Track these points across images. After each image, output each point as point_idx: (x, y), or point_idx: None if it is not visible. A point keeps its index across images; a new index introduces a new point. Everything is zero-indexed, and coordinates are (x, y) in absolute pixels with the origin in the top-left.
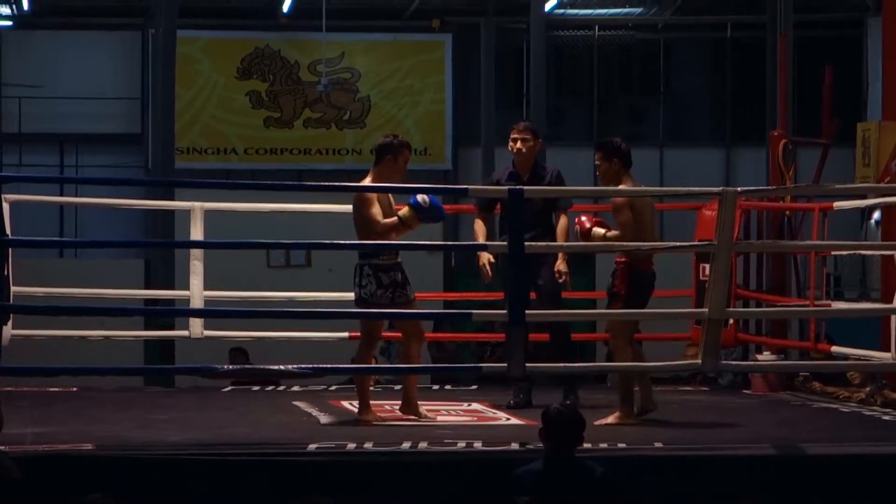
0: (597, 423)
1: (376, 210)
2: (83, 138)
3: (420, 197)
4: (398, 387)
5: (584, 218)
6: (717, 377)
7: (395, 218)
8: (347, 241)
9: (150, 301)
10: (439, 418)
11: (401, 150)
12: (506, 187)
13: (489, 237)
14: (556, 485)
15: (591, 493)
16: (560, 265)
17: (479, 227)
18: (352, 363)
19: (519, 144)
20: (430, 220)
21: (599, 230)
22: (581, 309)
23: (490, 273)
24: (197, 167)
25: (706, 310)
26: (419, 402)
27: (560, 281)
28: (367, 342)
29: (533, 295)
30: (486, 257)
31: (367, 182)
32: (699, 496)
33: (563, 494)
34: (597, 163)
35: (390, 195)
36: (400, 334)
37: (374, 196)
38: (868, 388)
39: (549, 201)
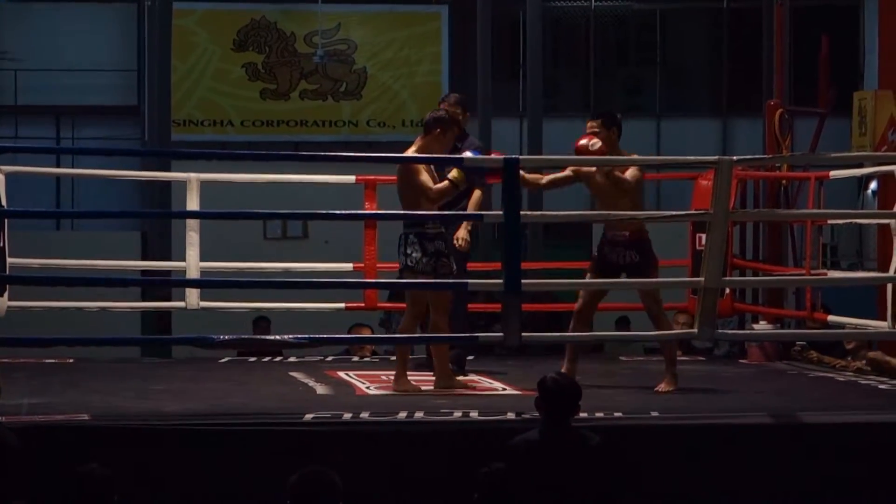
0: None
1: (426, 178)
2: (79, 110)
3: (468, 157)
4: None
5: (589, 141)
6: (714, 347)
7: (447, 182)
8: (344, 212)
9: (146, 272)
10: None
11: (450, 126)
12: (501, 157)
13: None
14: (552, 454)
15: (587, 462)
16: (461, 232)
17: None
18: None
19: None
20: (478, 182)
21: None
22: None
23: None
24: (193, 139)
25: (702, 279)
26: (412, 374)
27: (457, 245)
28: (414, 315)
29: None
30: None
31: (411, 151)
32: (695, 465)
33: (560, 463)
34: (595, 130)
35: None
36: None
37: (423, 165)
38: (861, 355)
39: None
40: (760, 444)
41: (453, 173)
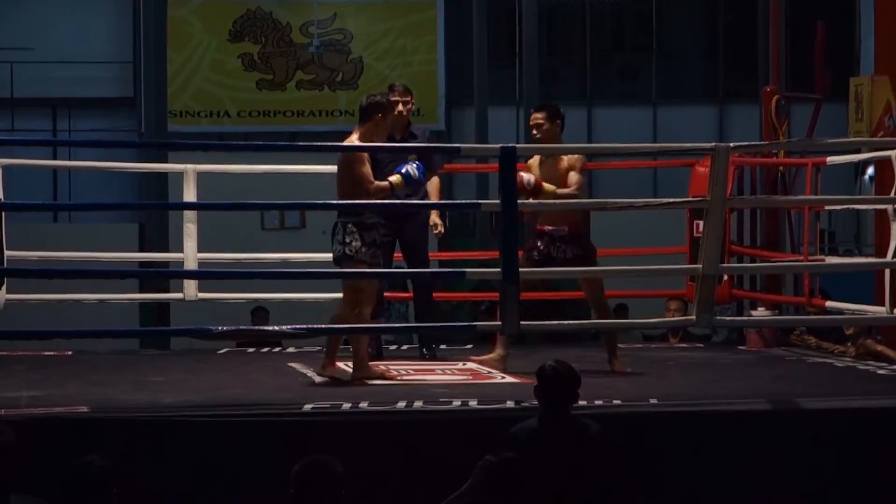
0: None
1: (367, 169)
2: (75, 102)
3: (412, 169)
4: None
5: (527, 176)
6: (712, 333)
7: (388, 183)
8: (343, 202)
9: (144, 264)
10: (432, 377)
11: (391, 109)
12: (498, 145)
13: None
14: (551, 442)
15: (586, 450)
16: (435, 217)
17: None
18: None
19: (400, 107)
20: (412, 192)
21: (550, 186)
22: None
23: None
24: (190, 130)
25: (700, 266)
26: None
27: (436, 233)
28: (357, 299)
29: (399, 256)
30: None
31: (353, 140)
32: (695, 452)
33: (559, 451)
34: (539, 122)
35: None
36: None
37: (365, 155)
38: (868, 341)
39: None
40: (760, 430)
41: (396, 178)
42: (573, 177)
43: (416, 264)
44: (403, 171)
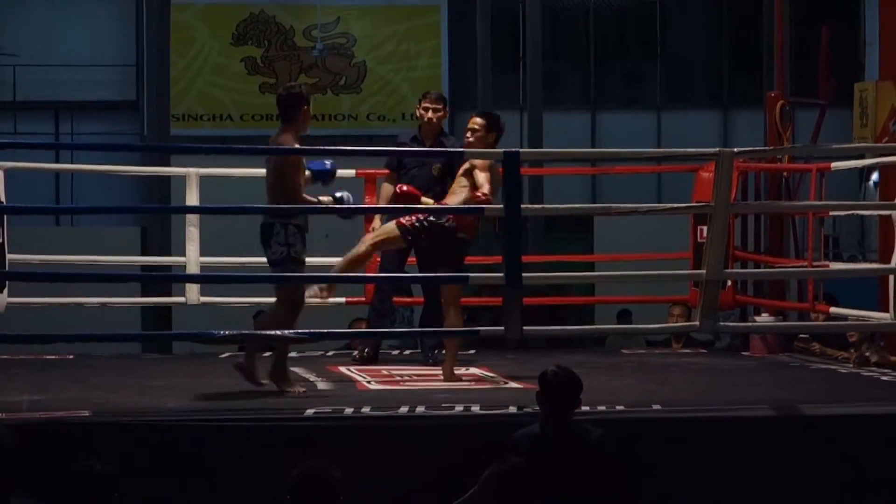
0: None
1: (300, 178)
2: (78, 105)
3: (343, 195)
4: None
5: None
6: (715, 339)
7: (318, 199)
8: (344, 206)
9: (146, 268)
10: (434, 383)
11: (309, 98)
12: (501, 150)
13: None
14: (553, 447)
15: (589, 455)
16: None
17: (386, 188)
18: (264, 327)
19: (430, 114)
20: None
21: (428, 199)
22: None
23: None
24: (193, 133)
25: (704, 271)
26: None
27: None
28: (295, 300)
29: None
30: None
31: (287, 140)
32: (698, 458)
33: (561, 457)
34: (475, 127)
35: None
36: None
37: (302, 161)
38: (863, 347)
39: (447, 169)
40: (763, 436)
41: (327, 200)
42: (478, 177)
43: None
44: (326, 167)
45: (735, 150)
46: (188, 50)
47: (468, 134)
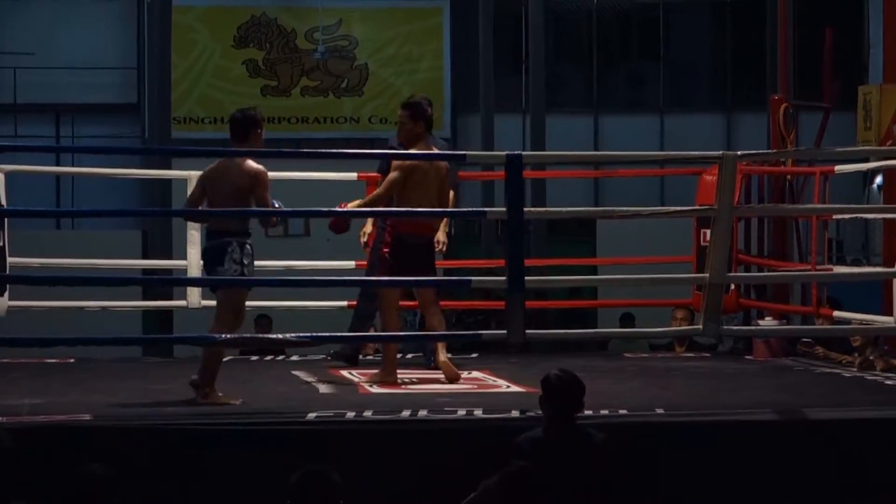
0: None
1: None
2: (79, 108)
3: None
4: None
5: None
6: (718, 343)
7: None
8: (346, 209)
9: (147, 271)
10: (437, 386)
11: (262, 122)
12: (504, 152)
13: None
14: (557, 452)
15: (592, 459)
16: (440, 235)
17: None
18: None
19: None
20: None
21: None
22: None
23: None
24: (194, 136)
25: (707, 275)
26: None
27: (438, 249)
28: (237, 319)
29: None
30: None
31: (248, 162)
32: (701, 462)
33: (564, 461)
34: (402, 121)
35: None
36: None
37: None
38: (867, 351)
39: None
40: (766, 440)
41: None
42: (387, 176)
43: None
44: (277, 205)
45: (739, 153)
46: (189, 52)
47: (398, 127)
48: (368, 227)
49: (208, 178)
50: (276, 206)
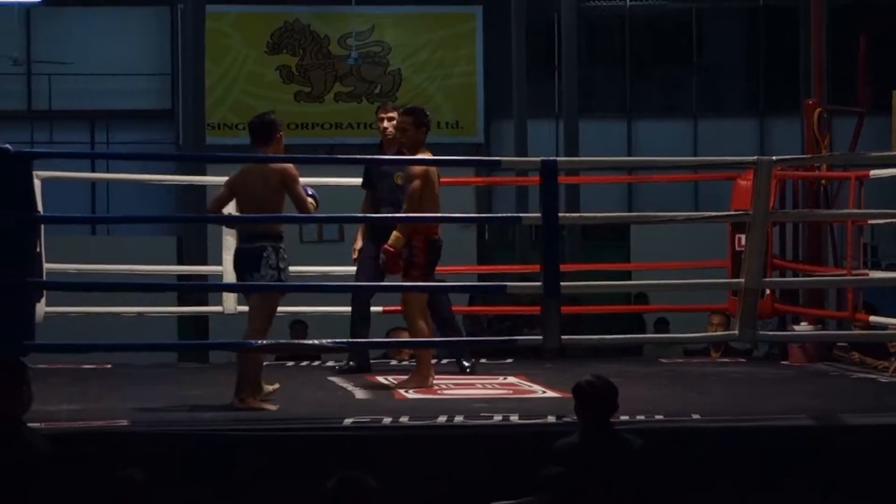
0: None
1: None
2: (113, 115)
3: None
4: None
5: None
6: (753, 348)
7: (312, 204)
8: (381, 214)
9: (182, 277)
10: (473, 392)
11: (281, 127)
12: (539, 158)
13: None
14: (594, 458)
15: (629, 465)
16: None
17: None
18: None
19: (385, 123)
20: None
21: (396, 234)
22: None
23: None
24: (228, 143)
25: (743, 280)
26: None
27: None
28: (269, 324)
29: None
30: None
31: (273, 168)
32: (737, 467)
33: (602, 467)
34: (404, 127)
35: None
36: None
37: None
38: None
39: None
40: (802, 446)
41: (312, 202)
42: (411, 185)
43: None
44: (311, 192)
45: (774, 158)
46: (223, 59)
47: (398, 133)
48: (359, 244)
49: (236, 182)
50: (311, 194)
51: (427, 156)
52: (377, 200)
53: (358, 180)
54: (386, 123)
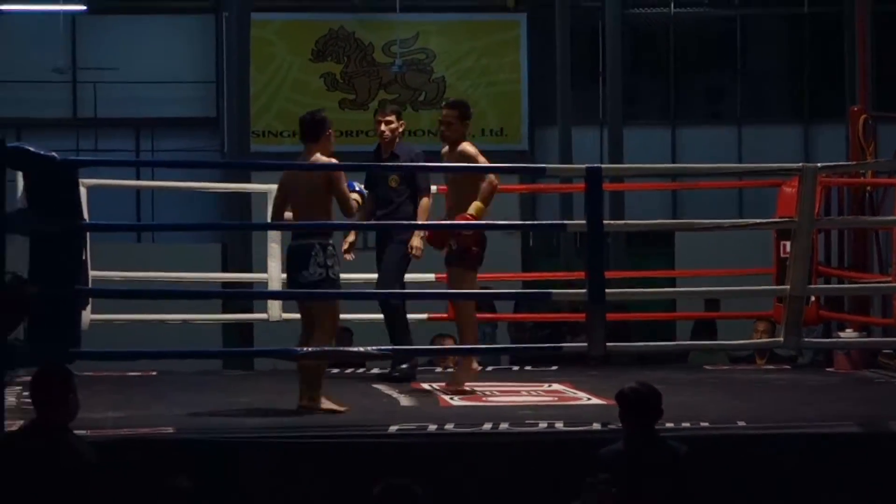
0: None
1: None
2: (158, 122)
3: (358, 186)
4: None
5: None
6: (798, 355)
7: (356, 201)
8: (424, 222)
9: (227, 284)
10: (518, 399)
11: (331, 123)
12: (584, 165)
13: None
14: (639, 465)
15: (675, 472)
16: (415, 241)
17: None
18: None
19: (383, 127)
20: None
21: (477, 203)
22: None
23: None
24: (273, 150)
25: (788, 287)
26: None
27: (413, 254)
28: (335, 323)
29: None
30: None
31: (320, 158)
32: (783, 474)
33: (647, 474)
34: (450, 121)
35: None
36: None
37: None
38: None
39: (408, 182)
40: (849, 452)
41: (357, 196)
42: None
43: (382, 283)
44: (357, 188)
45: (819, 165)
46: (268, 66)
47: (444, 128)
48: (351, 237)
49: (284, 183)
50: (357, 189)
51: (471, 147)
52: (377, 201)
53: None
54: (383, 127)
